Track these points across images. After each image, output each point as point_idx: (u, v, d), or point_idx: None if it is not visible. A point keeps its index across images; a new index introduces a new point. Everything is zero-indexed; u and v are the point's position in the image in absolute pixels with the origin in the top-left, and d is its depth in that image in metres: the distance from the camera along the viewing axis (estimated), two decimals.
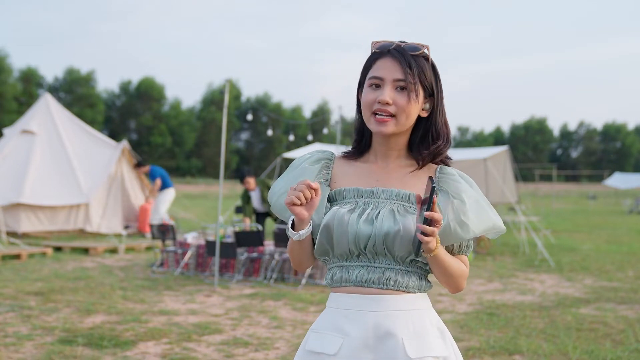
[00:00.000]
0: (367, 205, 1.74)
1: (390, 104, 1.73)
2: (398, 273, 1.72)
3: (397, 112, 1.74)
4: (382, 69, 1.76)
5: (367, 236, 1.70)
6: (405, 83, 1.73)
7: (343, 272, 1.75)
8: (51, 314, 6.43)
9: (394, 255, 1.71)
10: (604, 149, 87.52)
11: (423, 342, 1.71)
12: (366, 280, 1.72)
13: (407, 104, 1.74)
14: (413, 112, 1.76)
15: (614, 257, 11.76)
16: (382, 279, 1.72)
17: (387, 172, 1.82)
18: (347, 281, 1.75)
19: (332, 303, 1.79)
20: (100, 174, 13.76)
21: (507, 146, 14.45)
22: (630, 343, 5.58)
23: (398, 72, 1.74)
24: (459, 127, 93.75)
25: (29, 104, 41.18)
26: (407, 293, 1.74)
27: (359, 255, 1.73)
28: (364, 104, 1.77)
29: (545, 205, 29.54)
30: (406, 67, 1.74)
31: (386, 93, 1.73)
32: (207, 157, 64.84)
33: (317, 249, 1.78)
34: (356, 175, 1.83)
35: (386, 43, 1.79)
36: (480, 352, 5.22)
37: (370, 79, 1.77)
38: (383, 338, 1.69)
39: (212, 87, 68.63)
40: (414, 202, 1.75)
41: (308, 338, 1.81)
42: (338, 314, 1.75)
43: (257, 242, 8.61)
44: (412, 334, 1.71)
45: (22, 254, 10.28)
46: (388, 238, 1.69)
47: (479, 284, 8.70)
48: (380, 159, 1.83)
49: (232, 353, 5.19)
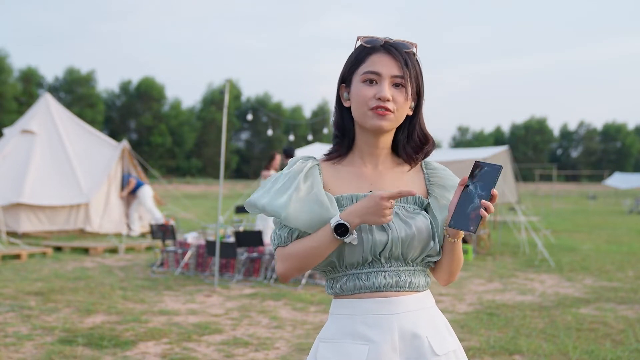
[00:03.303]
0: None
1: (390, 100, 1.71)
2: (410, 274, 1.73)
3: (395, 109, 1.72)
4: (378, 64, 1.72)
5: (384, 243, 1.68)
6: (401, 80, 1.72)
7: (355, 280, 1.71)
8: (51, 314, 6.43)
9: (406, 258, 1.71)
10: (604, 149, 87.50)
11: (442, 338, 1.73)
12: (384, 285, 1.70)
13: (404, 101, 1.73)
14: (406, 108, 1.76)
15: (614, 257, 11.76)
16: (400, 282, 1.71)
17: (378, 174, 1.79)
18: (363, 288, 1.71)
19: (342, 310, 1.73)
20: (100, 174, 13.76)
21: (507, 146, 14.46)
22: (630, 343, 5.58)
23: (395, 68, 1.72)
24: (459, 127, 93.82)
25: (29, 104, 41.21)
26: (417, 292, 1.75)
27: (372, 262, 1.71)
28: (360, 99, 1.73)
29: (545, 205, 29.53)
30: (403, 64, 1.72)
31: (386, 89, 1.71)
32: (207, 157, 64.86)
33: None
34: (347, 180, 1.78)
35: (374, 38, 1.76)
36: (480, 352, 5.22)
37: (365, 74, 1.73)
38: (409, 339, 1.69)
39: (212, 87, 68.71)
40: (410, 202, 1.76)
41: (318, 349, 1.75)
42: (353, 320, 1.70)
43: (257, 242, 8.61)
44: (433, 332, 1.72)
45: (22, 254, 10.28)
46: (405, 243, 1.69)
47: (479, 284, 8.70)
48: (368, 160, 1.80)
49: (232, 353, 5.19)
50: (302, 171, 1.74)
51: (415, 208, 1.75)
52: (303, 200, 1.70)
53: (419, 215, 1.72)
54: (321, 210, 1.69)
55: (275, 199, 1.71)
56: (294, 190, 1.71)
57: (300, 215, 1.69)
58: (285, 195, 1.71)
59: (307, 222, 1.69)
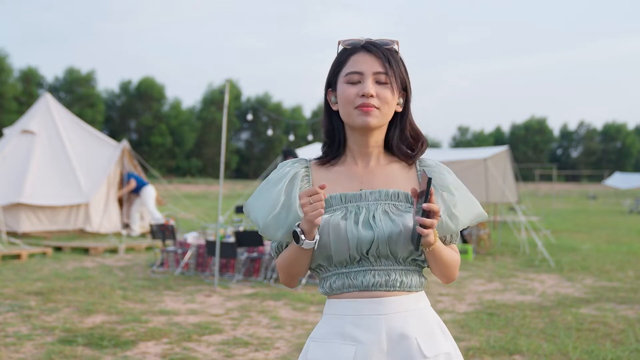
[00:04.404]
0: (359, 209, 1.71)
1: (374, 96, 1.71)
2: (402, 273, 1.72)
3: (381, 105, 1.72)
4: (360, 63, 1.74)
5: (370, 241, 1.67)
6: (385, 76, 1.73)
7: (344, 278, 1.71)
8: (51, 314, 6.43)
9: (396, 256, 1.70)
10: (604, 149, 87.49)
11: (433, 340, 1.72)
12: (373, 284, 1.69)
13: (390, 97, 1.73)
14: (393, 104, 1.76)
15: (614, 257, 11.76)
16: (389, 281, 1.70)
17: (369, 173, 1.79)
18: (351, 287, 1.71)
19: (333, 310, 1.74)
20: (100, 174, 13.77)
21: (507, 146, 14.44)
22: (630, 343, 5.58)
23: (377, 65, 1.73)
24: (459, 127, 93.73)
25: (29, 104, 41.21)
26: (409, 292, 1.73)
27: (360, 260, 1.70)
28: (345, 99, 1.73)
29: (545, 205, 29.53)
30: (385, 60, 1.73)
31: (369, 86, 1.71)
32: (207, 157, 64.84)
33: (312, 260, 1.75)
34: (338, 180, 1.78)
35: (354, 40, 1.77)
36: (480, 352, 5.22)
37: (348, 75, 1.74)
38: (397, 340, 1.68)
39: (212, 87, 68.64)
40: (402, 200, 1.74)
41: (309, 348, 1.76)
42: (343, 320, 1.70)
43: (257, 242, 8.61)
44: (424, 333, 1.71)
45: (22, 254, 10.28)
46: (391, 240, 1.67)
47: (479, 284, 8.70)
48: (360, 160, 1.80)
49: (232, 353, 5.19)
50: (285, 177, 1.76)
51: (407, 206, 1.73)
52: (278, 210, 1.72)
53: (408, 213, 1.71)
54: (290, 219, 1.71)
55: (257, 209, 1.75)
56: (273, 200, 1.73)
57: (273, 225, 1.72)
58: (266, 205, 1.73)
59: (281, 233, 1.72)
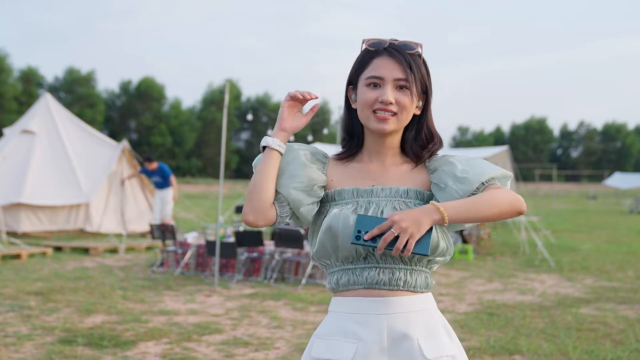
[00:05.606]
0: (369, 204, 1.73)
1: (393, 104, 1.73)
2: (406, 272, 1.72)
3: (399, 111, 1.75)
4: (381, 68, 1.75)
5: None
6: (405, 82, 1.74)
7: (350, 274, 1.73)
8: (51, 314, 6.43)
9: (402, 255, 1.69)
10: (604, 149, 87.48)
11: (436, 342, 1.71)
12: (377, 282, 1.70)
13: (409, 103, 1.75)
14: (412, 110, 1.77)
15: (614, 257, 11.76)
16: (393, 279, 1.70)
17: (383, 170, 1.81)
18: (356, 284, 1.72)
19: (338, 307, 1.75)
20: (100, 174, 13.76)
21: (507, 146, 14.47)
22: (630, 343, 5.58)
23: (398, 71, 1.74)
24: (459, 127, 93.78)
25: (29, 104, 41.21)
26: (415, 293, 1.73)
27: (366, 256, 1.71)
28: (364, 103, 1.76)
29: (545, 205, 29.52)
30: (406, 66, 1.74)
31: (389, 93, 1.73)
32: (207, 157, 64.84)
33: (317, 251, 1.75)
34: (352, 175, 1.81)
35: (379, 41, 1.77)
36: (480, 352, 5.22)
37: (368, 79, 1.76)
38: (398, 341, 1.68)
39: (212, 87, 68.66)
40: (412, 197, 1.75)
41: (313, 345, 1.77)
42: (347, 318, 1.72)
43: (257, 242, 8.61)
44: (426, 335, 1.71)
45: (22, 254, 10.28)
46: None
47: (479, 284, 8.70)
48: (375, 158, 1.83)
49: (232, 353, 5.19)
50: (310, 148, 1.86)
51: (417, 202, 1.75)
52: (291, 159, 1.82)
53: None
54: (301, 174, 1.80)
55: None
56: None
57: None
58: None
59: None
